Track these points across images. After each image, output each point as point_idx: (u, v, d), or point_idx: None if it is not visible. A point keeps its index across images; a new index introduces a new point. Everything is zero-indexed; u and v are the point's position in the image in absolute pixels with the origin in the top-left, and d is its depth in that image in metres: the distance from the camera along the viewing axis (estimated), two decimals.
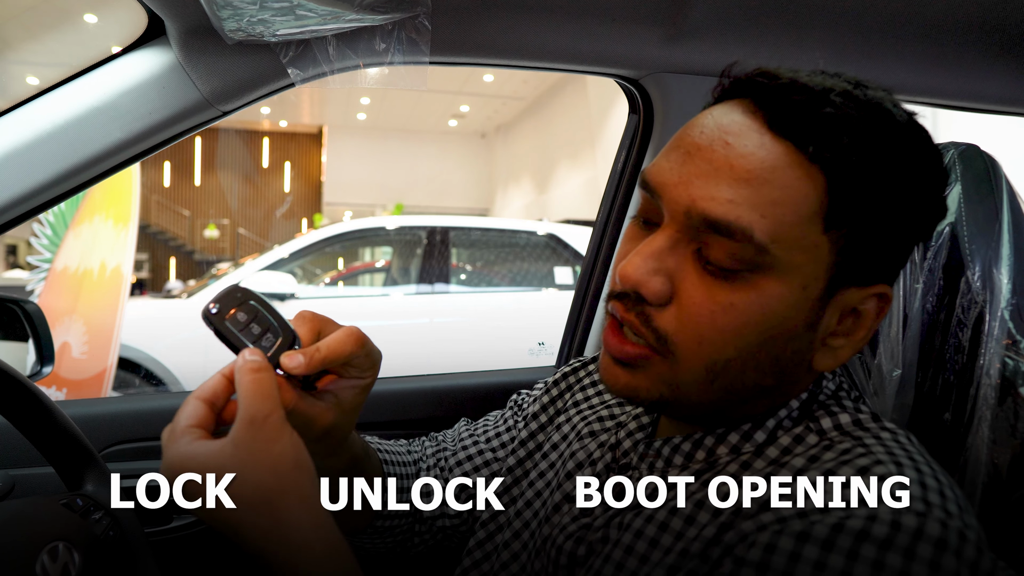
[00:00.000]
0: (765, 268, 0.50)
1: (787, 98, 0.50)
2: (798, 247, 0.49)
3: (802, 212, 0.49)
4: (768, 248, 0.49)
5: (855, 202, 0.49)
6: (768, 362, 0.53)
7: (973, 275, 0.74)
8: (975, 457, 0.71)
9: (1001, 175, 0.78)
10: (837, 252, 0.51)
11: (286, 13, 0.77)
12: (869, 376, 0.78)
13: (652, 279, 0.51)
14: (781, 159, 0.49)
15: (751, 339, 0.51)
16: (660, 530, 0.55)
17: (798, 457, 0.52)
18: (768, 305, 0.50)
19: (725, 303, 0.50)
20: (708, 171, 0.50)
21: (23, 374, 0.76)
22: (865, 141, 0.49)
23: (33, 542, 0.64)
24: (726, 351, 0.51)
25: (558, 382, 0.82)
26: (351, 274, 6.22)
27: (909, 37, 1.02)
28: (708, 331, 0.51)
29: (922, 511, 0.43)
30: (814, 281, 0.51)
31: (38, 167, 0.80)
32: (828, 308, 0.53)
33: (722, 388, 0.53)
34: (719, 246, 0.50)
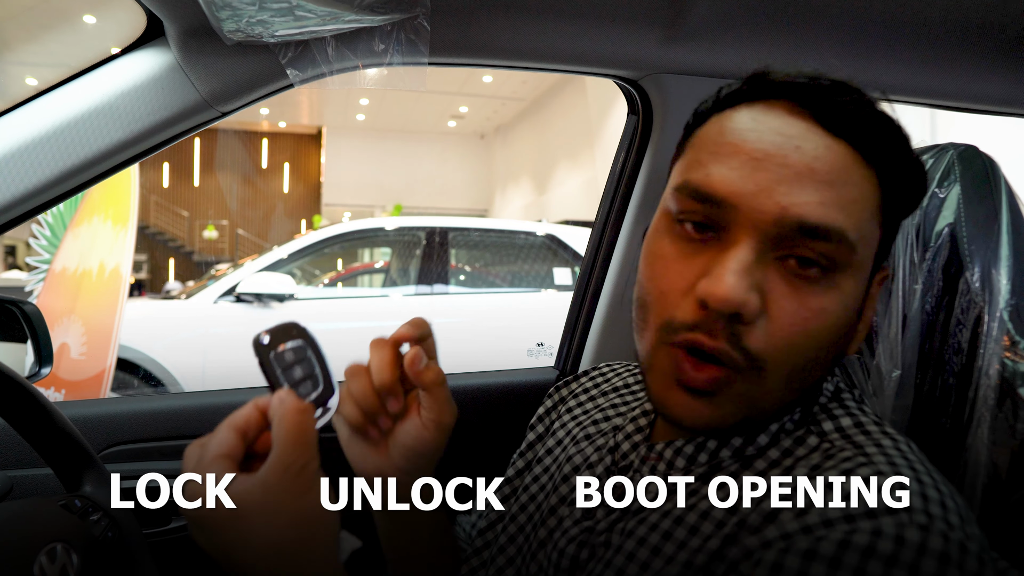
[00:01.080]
0: (848, 267, 0.51)
1: (835, 100, 0.51)
2: (868, 242, 0.52)
3: (871, 208, 0.52)
4: (856, 247, 0.50)
5: (897, 198, 0.54)
6: (832, 352, 0.53)
7: (972, 276, 0.74)
8: (974, 458, 0.71)
9: (1000, 176, 0.78)
10: (878, 243, 0.54)
11: (285, 14, 0.77)
12: (868, 377, 0.78)
13: (751, 297, 0.48)
14: (848, 159, 0.50)
15: (829, 336, 0.51)
16: (663, 539, 0.54)
17: (800, 467, 0.51)
18: (847, 303, 0.51)
19: (817, 309, 0.50)
20: (790, 176, 0.49)
21: (21, 375, 0.76)
22: (898, 140, 0.53)
23: (31, 543, 0.64)
24: (810, 354, 0.51)
25: (551, 395, 0.83)
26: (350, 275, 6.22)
27: (908, 38, 1.02)
28: (800, 339, 0.50)
29: (924, 524, 0.43)
30: (867, 272, 0.54)
31: (37, 168, 0.80)
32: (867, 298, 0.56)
33: (797, 389, 0.53)
34: (812, 251, 0.49)
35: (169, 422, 1.14)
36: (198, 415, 1.15)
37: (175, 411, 1.15)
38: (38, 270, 3.93)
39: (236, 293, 4.50)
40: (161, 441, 1.13)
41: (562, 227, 5.40)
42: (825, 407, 0.57)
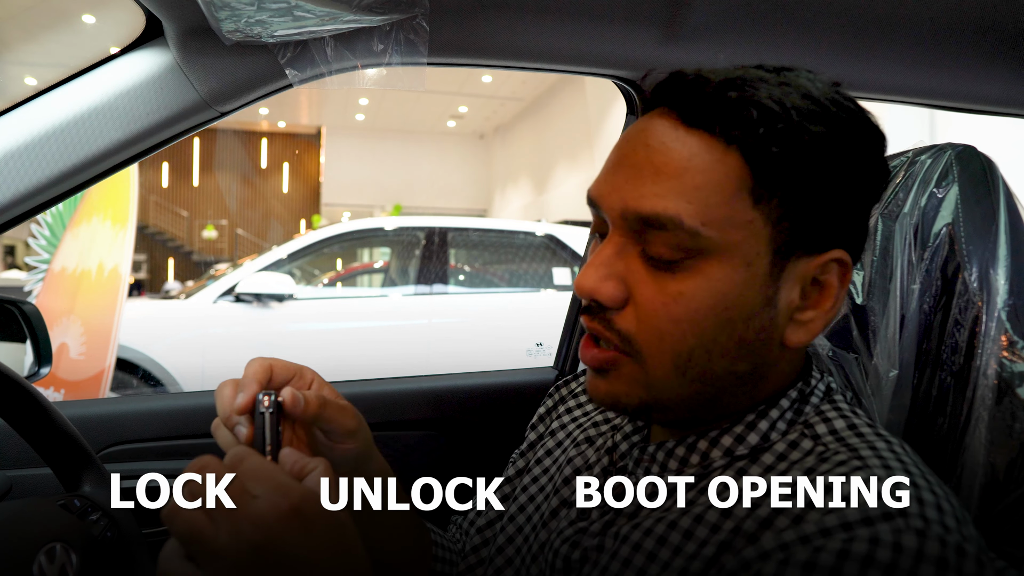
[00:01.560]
0: (705, 252, 0.52)
1: (694, 93, 0.54)
2: (731, 225, 0.52)
3: (726, 191, 0.52)
4: (700, 231, 0.51)
5: (776, 172, 0.52)
6: (732, 345, 0.54)
7: (970, 276, 0.74)
8: (972, 458, 0.71)
9: (998, 176, 0.78)
10: (774, 224, 0.52)
11: (284, 14, 0.77)
12: (866, 377, 0.78)
13: (604, 284, 0.54)
14: (696, 148, 0.52)
15: (708, 324, 0.53)
16: (659, 544, 0.55)
17: (795, 471, 0.52)
18: (716, 287, 0.52)
19: (675, 292, 0.52)
20: (633, 174, 0.54)
21: (21, 375, 0.76)
22: (775, 115, 0.51)
23: (30, 543, 0.64)
24: (687, 340, 0.53)
25: (551, 395, 0.83)
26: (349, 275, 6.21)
27: (906, 38, 1.02)
28: (665, 324, 0.53)
29: (921, 528, 0.43)
30: (757, 257, 0.53)
31: (36, 168, 0.80)
32: (784, 282, 0.54)
33: (695, 380, 0.54)
34: (657, 239, 0.53)
35: (168, 422, 1.14)
36: (197, 415, 1.15)
37: (174, 411, 1.15)
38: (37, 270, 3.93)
39: (235, 293, 4.50)
40: (160, 441, 1.13)
41: (561, 227, 5.40)
42: (818, 408, 0.57)
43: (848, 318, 0.81)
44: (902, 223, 0.78)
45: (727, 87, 0.53)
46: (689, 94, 0.54)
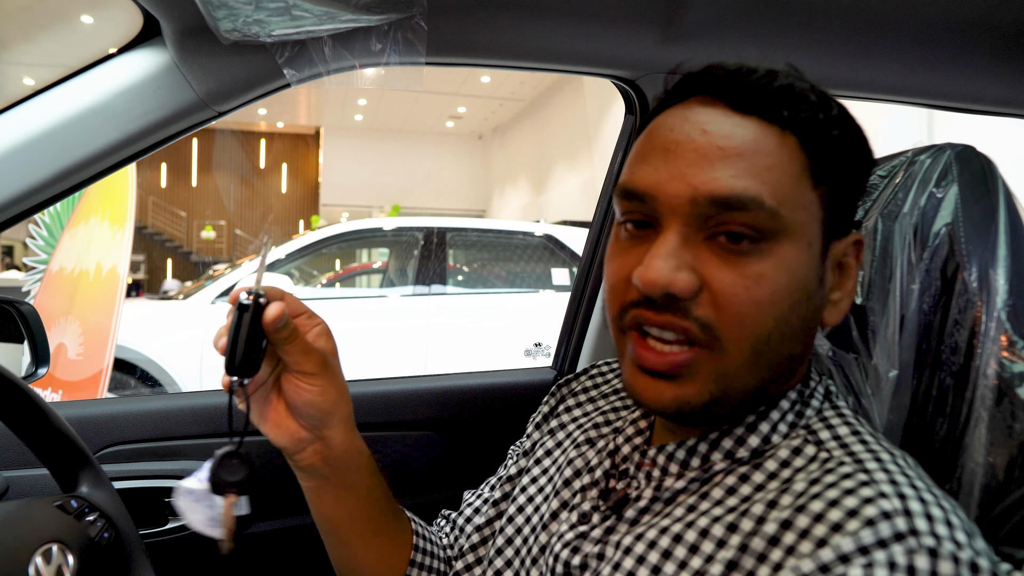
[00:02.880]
0: (778, 234, 0.52)
1: (740, 81, 0.54)
2: (799, 206, 0.52)
3: (792, 173, 0.52)
4: (778, 211, 0.51)
5: (829, 157, 0.54)
6: (799, 326, 0.54)
7: (970, 276, 0.74)
8: (972, 458, 0.71)
9: (998, 176, 0.78)
10: (824, 207, 0.54)
11: (282, 13, 0.77)
12: (866, 377, 0.78)
13: (679, 275, 0.51)
14: (758, 131, 0.53)
15: (784, 306, 0.52)
16: (663, 558, 0.54)
17: (800, 481, 0.51)
18: (791, 268, 0.52)
19: (755, 275, 0.51)
20: (698, 159, 0.52)
21: (18, 375, 0.76)
22: (818, 105, 0.54)
23: (27, 544, 0.64)
24: (767, 324, 0.52)
25: (553, 394, 0.82)
26: (348, 275, 6.21)
27: (906, 38, 1.02)
28: (747, 307, 0.51)
29: (933, 547, 0.43)
30: (815, 238, 0.54)
31: (34, 167, 0.79)
32: (828, 265, 0.56)
33: (768, 366, 0.54)
34: (733, 221, 0.51)
35: (166, 422, 1.13)
36: (195, 415, 1.15)
37: (172, 411, 1.15)
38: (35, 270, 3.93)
39: None
40: (158, 441, 1.12)
41: (560, 227, 5.41)
42: (820, 412, 0.57)
43: (848, 318, 0.81)
44: (901, 223, 0.78)
45: (773, 77, 0.54)
46: (735, 83, 0.54)
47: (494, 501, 0.78)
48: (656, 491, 0.58)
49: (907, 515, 0.45)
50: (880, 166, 0.85)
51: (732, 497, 0.53)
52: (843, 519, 0.46)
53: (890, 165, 0.84)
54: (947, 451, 0.73)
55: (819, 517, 0.47)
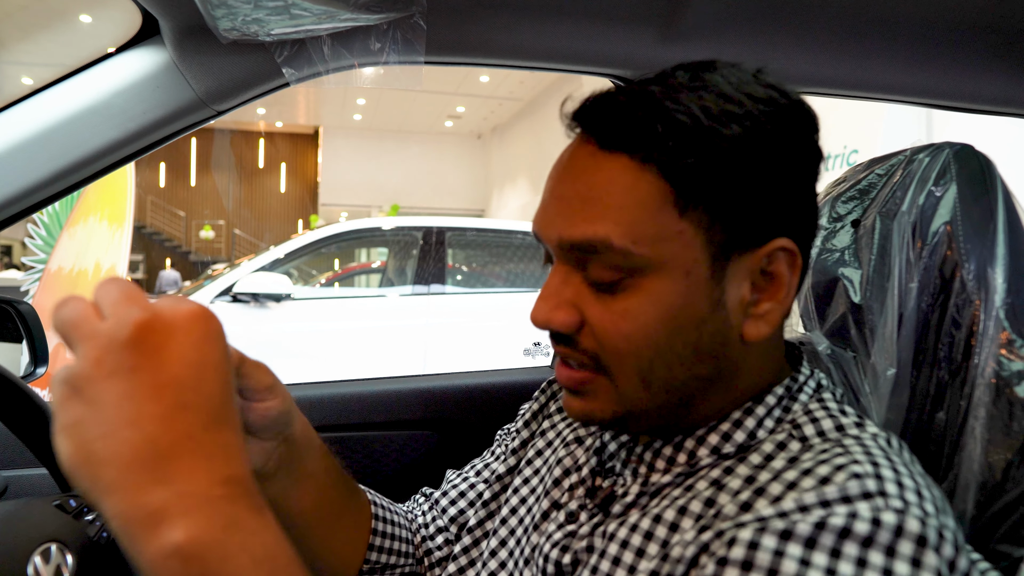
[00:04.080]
0: (642, 270, 0.53)
1: (607, 114, 0.55)
2: (661, 239, 0.52)
3: (650, 208, 0.52)
4: (631, 250, 0.52)
5: (695, 182, 0.52)
6: (689, 352, 0.54)
7: (968, 275, 0.74)
8: (969, 456, 0.71)
9: (996, 175, 0.78)
10: (706, 229, 0.53)
11: (281, 12, 0.77)
12: (864, 375, 0.78)
13: (555, 313, 0.55)
14: (615, 171, 0.53)
15: (659, 336, 0.53)
16: (646, 539, 0.55)
17: (779, 460, 0.52)
18: (660, 299, 0.53)
19: (620, 311, 0.53)
20: (563, 205, 0.55)
21: (16, 375, 0.76)
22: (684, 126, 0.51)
23: (25, 543, 0.64)
24: (644, 354, 0.54)
25: (544, 390, 0.82)
26: (347, 275, 6.21)
27: (905, 37, 1.02)
28: (619, 341, 0.54)
29: (900, 508, 0.44)
30: (695, 264, 0.53)
31: (32, 167, 0.79)
32: (729, 281, 0.54)
33: (661, 390, 0.55)
34: (595, 264, 0.54)
35: None
36: None
37: None
38: (34, 270, 3.92)
39: (233, 293, 4.49)
40: None
41: None
42: (806, 407, 0.57)
43: (846, 316, 0.81)
44: (900, 222, 0.78)
45: (636, 105, 0.53)
46: (603, 116, 0.55)
47: (484, 501, 0.78)
48: (643, 486, 0.59)
49: (878, 479, 0.46)
50: (879, 165, 0.86)
51: (715, 487, 0.54)
52: (812, 483, 0.47)
53: (888, 164, 0.84)
54: (944, 449, 0.73)
55: (792, 485, 0.48)
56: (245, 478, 0.41)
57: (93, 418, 0.38)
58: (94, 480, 0.38)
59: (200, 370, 0.41)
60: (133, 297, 0.42)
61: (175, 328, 0.41)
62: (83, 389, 0.39)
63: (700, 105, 0.52)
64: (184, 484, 0.38)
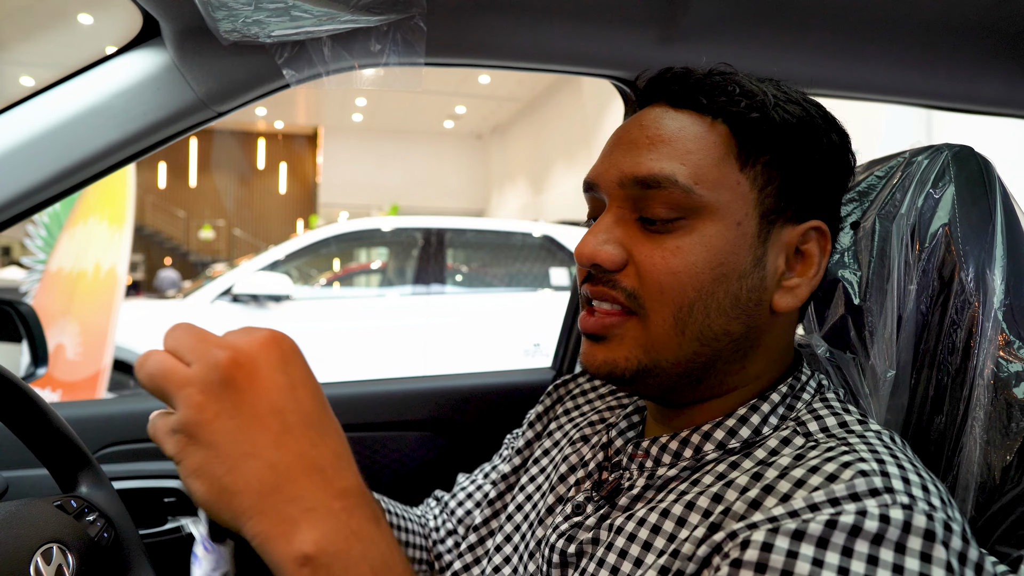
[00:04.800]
0: (699, 211, 0.56)
1: (681, 81, 0.60)
2: (722, 186, 0.57)
3: (715, 155, 0.57)
4: (693, 189, 0.56)
5: (758, 140, 0.58)
6: (728, 302, 0.57)
7: (967, 276, 0.74)
8: (968, 458, 0.71)
9: (995, 176, 0.78)
10: (760, 189, 0.58)
11: (281, 14, 0.77)
12: (863, 377, 0.78)
13: (603, 248, 0.57)
14: (686, 122, 0.59)
15: (705, 278, 0.56)
16: (653, 533, 0.56)
17: (785, 456, 0.53)
18: (711, 243, 0.56)
19: (672, 247, 0.56)
20: (629, 148, 0.59)
21: (17, 375, 0.76)
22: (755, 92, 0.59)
23: (27, 544, 0.64)
24: (687, 293, 0.56)
25: (550, 393, 0.83)
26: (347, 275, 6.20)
27: (904, 39, 1.02)
28: (665, 277, 0.56)
29: (907, 504, 0.45)
30: (745, 218, 0.57)
31: (32, 168, 0.79)
32: (770, 247, 0.58)
33: (694, 337, 0.57)
34: (654, 200, 0.57)
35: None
36: None
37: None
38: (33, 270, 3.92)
39: (233, 294, 4.49)
40: None
41: (559, 227, 5.40)
42: (810, 406, 0.59)
43: (845, 318, 0.81)
44: (899, 223, 0.78)
45: (712, 74, 0.60)
46: (677, 83, 0.60)
47: (490, 500, 0.79)
48: (649, 479, 0.60)
49: (884, 476, 0.47)
50: (878, 167, 0.86)
51: (721, 481, 0.55)
52: (820, 481, 0.48)
53: (887, 165, 0.84)
54: (944, 450, 0.74)
55: (800, 483, 0.49)
56: (358, 488, 0.44)
57: (215, 458, 0.41)
58: (231, 510, 0.41)
59: (291, 391, 0.43)
60: (207, 338, 0.43)
61: (256, 358, 0.43)
62: (197, 434, 0.41)
63: (765, 86, 0.60)
64: (308, 500, 0.41)
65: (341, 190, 18.74)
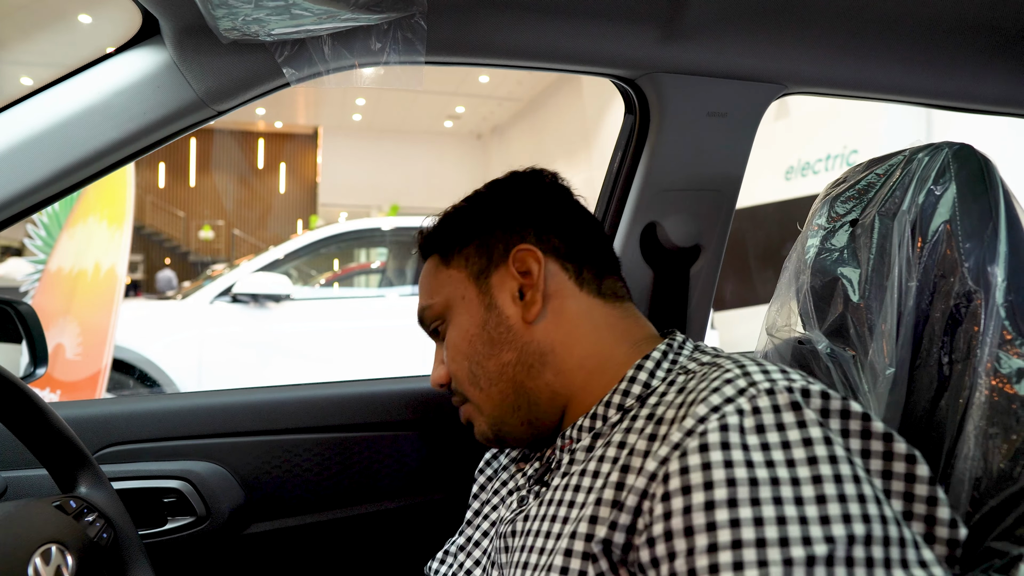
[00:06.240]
0: (445, 313, 0.79)
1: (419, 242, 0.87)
2: (441, 288, 0.80)
3: (433, 274, 0.82)
4: (432, 303, 0.80)
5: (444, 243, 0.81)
6: (486, 348, 0.74)
7: (967, 273, 0.74)
8: (967, 454, 0.71)
9: (995, 174, 0.78)
10: (464, 267, 0.78)
11: (281, 12, 0.77)
12: (863, 374, 0.78)
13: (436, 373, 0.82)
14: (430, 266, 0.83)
15: (465, 345, 0.76)
16: (575, 491, 0.63)
17: (671, 394, 0.62)
18: (458, 325, 0.77)
19: (448, 347, 0.79)
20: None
21: (16, 375, 0.76)
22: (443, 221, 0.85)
23: (25, 544, 0.64)
24: (463, 366, 0.77)
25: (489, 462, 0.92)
26: (347, 275, 6.20)
27: (905, 37, 1.02)
28: (454, 367, 0.78)
29: (769, 388, 0.54)
30: (466, 290, 0.77)
31: (32, 167, 0.79)
32: (495, 291, 0.75)
33: (488, 385, 0.75)
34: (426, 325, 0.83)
35: (165, 422, 1.13)
36: (194, 416, 1.15)
37: (171, 412, 1.15)
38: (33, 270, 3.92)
39: (232, 293, 4.49)
40: (157, 442, 1.12)
41: None
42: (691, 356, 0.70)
43: (845, 315, 0.81)
44: (899, 221, 0.78)
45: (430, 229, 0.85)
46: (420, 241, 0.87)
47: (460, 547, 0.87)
48: (571, 455, 0.69)
49: (746, 375, 0.56)
50: (878, 165, 0.86)
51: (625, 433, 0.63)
52: (697, 396, 0.56)
53: (888, 163, 0.84)
54: (943, 447, 0.73)
55: (683, 404, 0.57)
56: None
57: None
58: None
59: None
60: None
61: None
62: None
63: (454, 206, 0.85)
64: None
65: (341, 190, 18.74)
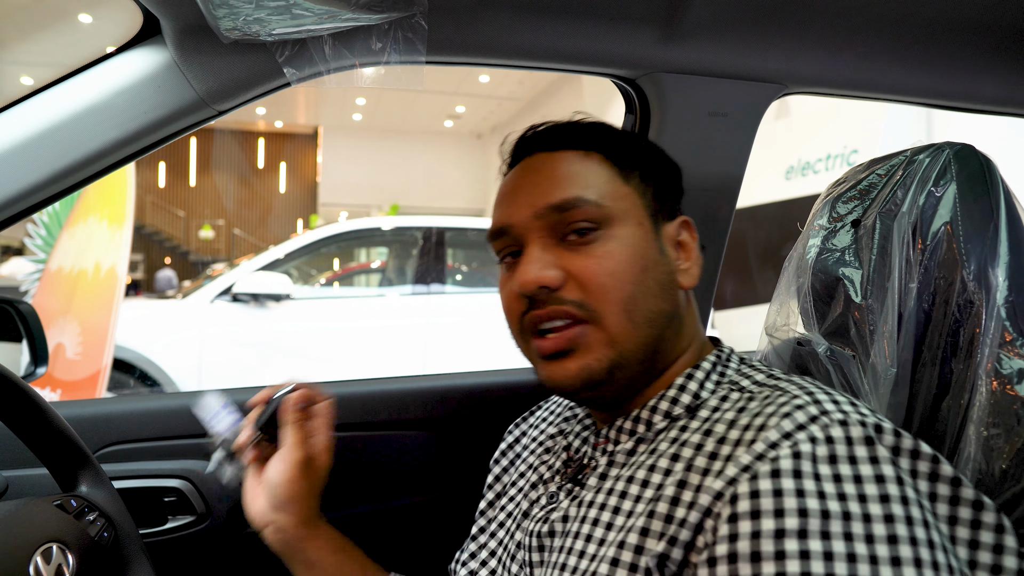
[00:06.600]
0: (610, 221, 0.66)
1: (553, 129, 0.73)
2: (619, 197, 0.68)
3: (603, 176, 0.69)
4: (602, 202, 0.66)
5: (628, 161, 0.70)
6: (656, 286, 0.66)
7: (968, 274, 0.74)
8: (968, 455, 0.71)
9: (996, 174, 0.78)
10: (641, 195, 0.69)
11: (282, 12, 0.77)
12: (864, 375, 0.78)
13: (545, 272, 0.65)
14: (570, 157, 0.70)
15: (635, 270, 0.65)
16: (620, 498, 0.61)
17: (728, 411, 0.61)
18: (629, 243, 0.66)
19: (602, 254, 0.65)
20: (531, 189, 0.68)
21: (17, 375, 0.76)
22: (612, 128, 0.74)
23: (26, 543, 0.64)
24: (626, 288, 0.64)
25: (511, 431, 0.90)
26: (347, 275, 6.20)
27: (905, 37, 1.02)
28: (606, 279, 0.64)
29: (842, 419, 0.53)
30: (643, 219, 0.68)
31: (32, 167, 0.79)
32: (663, 240, 0.70)
33: (643, 322, 0.65)
34: (572, 220, 0.66)
35: (165, 422, 1.13)
36: (194, 415, 1.15)
37: (171, 411, 1.15)
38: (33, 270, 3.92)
39: (233, 293, 4.49)
40: (157, 441, 1.12)
41: None
42: (739, 371, 0.68)
43: (846, 316, 0.81)
44: (900, 222, 0.78)
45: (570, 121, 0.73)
46: (551, 131, 0.73)
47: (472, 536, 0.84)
48: (610, 457, 0.67)
49: (816, 403, 0.55)
50: (878, 165, 0.86)
51: (675, 444, 0.62)
52: (767, 421, 0.55)
53: (889, 164, 0.84)
54: (945, 448, 0.73)
55: (747, 427, 0.56)
56: None
57: None
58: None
59: None
60: None
61: None
62: None
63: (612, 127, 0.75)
64: None
65: (341, 190, 18.74)
